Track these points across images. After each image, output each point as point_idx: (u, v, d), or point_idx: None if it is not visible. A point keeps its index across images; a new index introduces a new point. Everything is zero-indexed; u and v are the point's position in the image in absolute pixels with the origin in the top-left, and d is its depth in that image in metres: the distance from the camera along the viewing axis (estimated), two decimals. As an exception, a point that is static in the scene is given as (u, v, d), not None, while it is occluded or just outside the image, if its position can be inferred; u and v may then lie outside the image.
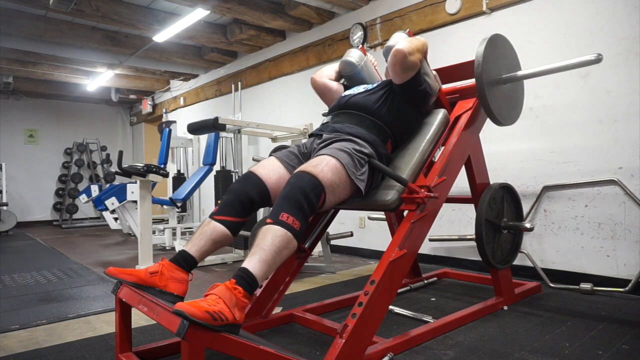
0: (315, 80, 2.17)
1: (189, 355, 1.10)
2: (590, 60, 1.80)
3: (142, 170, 3.22)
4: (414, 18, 3.47)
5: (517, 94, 2.22)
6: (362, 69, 2.10)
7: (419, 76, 1.84)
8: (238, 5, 3.89)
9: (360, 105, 1.86)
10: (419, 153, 1.85)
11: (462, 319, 1.96)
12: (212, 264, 3.59)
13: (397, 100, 1.86)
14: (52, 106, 7.99)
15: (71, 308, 2.35)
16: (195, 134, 4.13)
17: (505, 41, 2.11)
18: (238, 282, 1.26)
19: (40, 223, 7.74)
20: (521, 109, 2.26)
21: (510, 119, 2.15)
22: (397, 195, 1.71)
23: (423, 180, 1.77)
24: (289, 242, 1.38)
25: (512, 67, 2.12)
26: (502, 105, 2.04)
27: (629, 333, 1.80)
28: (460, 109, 2.01)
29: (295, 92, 4.72)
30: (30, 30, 4.42)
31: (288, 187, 1.47)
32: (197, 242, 1.54)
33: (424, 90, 1.88)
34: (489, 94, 1.93)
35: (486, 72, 1.91)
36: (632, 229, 2.40)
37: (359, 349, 1.47)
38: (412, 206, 1.69)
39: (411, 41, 1.81)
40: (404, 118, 1.88)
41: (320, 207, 1.53)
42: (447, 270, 2.97)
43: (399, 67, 1.77)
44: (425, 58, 1.94)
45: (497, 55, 2.01)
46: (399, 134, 1.88)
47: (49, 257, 4.19)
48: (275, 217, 1.39)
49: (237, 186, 1.64)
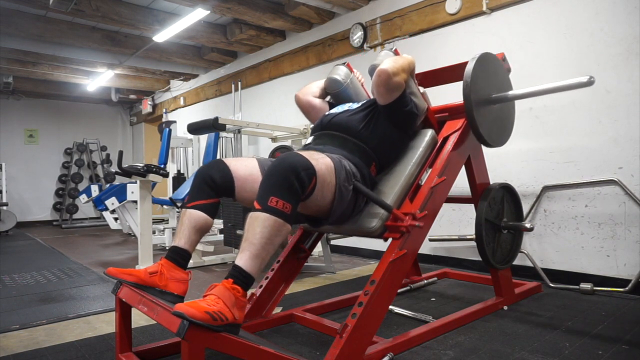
0: (299, 98, 2.09)
1: (189, 355, 1.10)
2: (582, 82, 1.73)
3: (142, 170, 3.22)
4: (414, 18, 3.47)
5: (507, 114, 2.13)
6: (348, 86, 2.02)
7: (405, 97, 1.77)
8: (238, 5, 3.89)
9: (343, 126, 1.77)
10: (404, 177, 1.77)
11: (462, 319, 1.95)
12: (212, 264, 3.58)
13: (381, 121, 1.78)
14: (52, 106, 7.99)
15: (71, 308, 2.35)
16: (195, 134, 4.13)
17: (496, 60, 2.03)
18: (235, 281, 1.26)
19: (40, 223, 7.74)
20: (511, 129, 2.18)
21: (500, 141, 2.08)
22: (381, 223, 1.65)
23: (408, 207, 1.69)
24: (280, 229, 1.31)
25: (503, 87, 2.03)
26: (491, 126, 1.96)
27: (629, 333, 1.80)
28: (448, 130, 1.93)
29: (295, 92, 4.71)
30: (30, 30, 4.42)
31: (277, 161, 1.38)
32: (182, 234, 1.53)
33: (409, 111, 1.79)
34: (478, 115, 1.85)
35: (475, 92, 1.83)
36: (632, 229, 2.40)
37: (359, 349, 1.47)
38: (396, 234, 1.62)
39: (396, 60, 1.74)
40: (389, 140, 1.80)
41: (310, 193, 1.43)
42: (447, 270, 2.97)
43: (383, 88, 1.70)
44: (412, 76, 1.87)
45: (487, 74, 1.93)
46: (384, 157, 1.80)
47: (49, 257, 4.18)
48: (263, 202, 1.32)
49: (201, 170, 1.61)
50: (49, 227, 7.33)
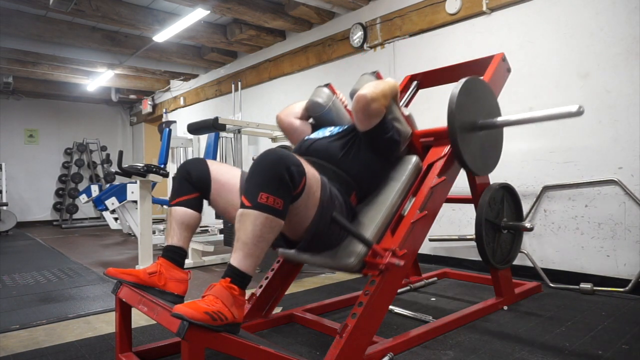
0: (281, 120, 2.00)
1: (189, 355, 1.10)
2: (572, 112, 1.66)
3: (142, 170, 3.22)
4: (414, 18, 3.47)
5: (494, 140, 2.02)
6: (330, 109, 1.93)
7: (385, 123, 1.68)
8: (238, 5, 3.89)
9: (322, 153, 1.69)
10: (386, 208, 1.68)
11: (462, 319, 1.95)
12: (212, 264, 3.58)
13: (362, 148, 1.69)
14: (52, 106, 7.98)
15: (71, 308, 2.35)
16: (195, 134, 4.13)
17: (483, 84, 1.94)
18: (232, 280, 1.25)
19: (40, 223, 7.73)
20: (499, 156, 2.07)
21: (486, 169, 1.98)
22: (359, 259, 1.56)
23: (389, 241, 1.61)
24: (272, 225, 1.26)
25: (490, 112, 1.93)
26: (476, 153, 1.86)
27: (629, 333, 1.80)
28: (433, 156, 1.84)
29: (295, 92, 4.72)
30: (30, 30, 4.42)
31: (264, 154, 1.31)
32: (173, 232, 1.53)
33: (390, 138, 1.70)
34: (462, 142, 1.75)
35: (460, 119, 1.73)
36: (632, 229, 2.39)
37: (359, 348, 1.47)
38: (375, 272, 1.53)
39: (377, 85, 1.66)
40: (371, 168, 1.71)
41: (300, 193, 1.34)
42: (447, 270, 2.97)
43: (362, 114, 1.63)
44: (395, 101, 1.80)
45: (473, 99, 1.84)
46: (365, 186, 1.72)
47: (49, 257, 4.18)
48: (252, 199, 1.25)
49: (181, 166, 1.61)
50: (49, 227, 7.32)
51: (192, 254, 3.47)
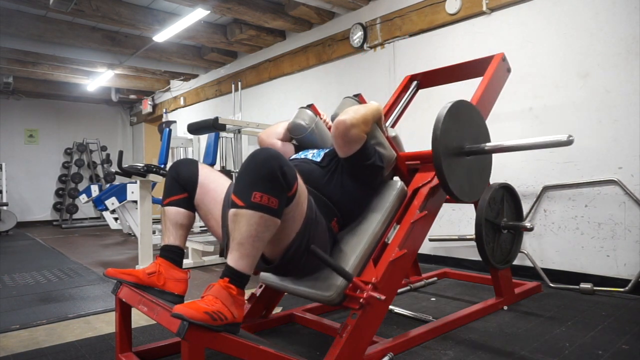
0: (263, 140, 1.93)
1: (189, 355, 1.10)
2: (562, 141, 1.59)
3: (142, 170, 3.22)
4: (414, 18, 3.47)
5: (482, 165, 1.89)
6: (313, 131, 1.87)
7: (366, 149, 1.62)
8: (238, 5, 3.89)
9: (305, 176, 1.58)
10: (368, 236, 1.62)
11: (462, 319, 1.96)
12: (212, 264, 3.58)
13: (344, 174, 1.64)
14: (52, 106, 7.99)
15: (71, 308, 2.35)
16: (195, 134, 4.13)
17: (471, 108, 1.83)
18: (230, 280, 1.25)
19: (40, 223, 7.73)
20: (487, 181, 1.96)
21: (472, 195, 1.83)
22: (340, 291, 1.50)
23: (371, 272, 1.55)
24: (267, 224, 1.23)
25: (478, 137, 1.82)
26: (463, 180, 1.74)
27: (629, 333, 1.80)
28: (419, 181, 1.78)
29: (295, 92, 4.72)
30: (30, 30, 4.42)
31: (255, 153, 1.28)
32: (168, 232, 1.53)
33: (372, 164, 1.64)
34: (447, 169, 1.64)
35: (445, 144, 1.64)
36: (632, 229, 2.39)
37: (359, 348, 1.47)
38: (355, 305, 1.47)
39: (357, 110, 1.59)
40: (353, 195, 1.65)
41: (292, 198, 1.30)
42: (447, 270, 2.97)
43: (341, 140, 1.56)
44: (379, 124, 1.74)
45: (460, 123, 1.74)
46: (347, 212, 1.66)
47: (49, 257, 4.18)
48: (246, 199, 1.21)
49: (171, 165, 1.61)
50: (49, 227, 7.32)
51: (192, 254, 3.47)
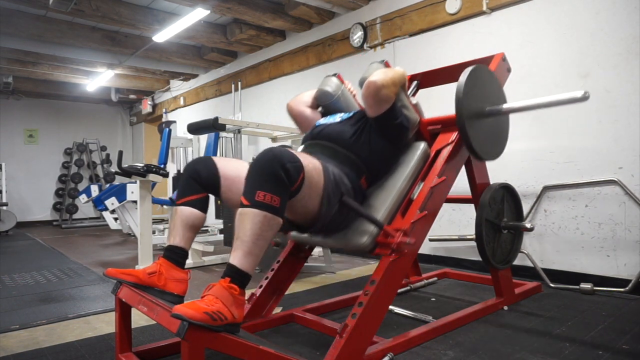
0: (292, 108, 2.08)
1: (188, 355, 1.10)
2: (577, 97, 1.69)
3: (142, 170, 3.22)
4: (414, 18, 3.47)
5: (501, 127, 2.07)
6: (339, 98, 2.00)
7: (394, 109, 1.74)
8: (238, 5, 3.89)
9: (334, 137, 1.75)
10: (396, 191, 1.73)
11: (462, 319, 1.96)
12: (212, 264, 3.58)
13: (372, 133, 1.75)
14: (52, 106, 7.98)
15: (71, 308, 2.35)
16: (195, 134, 4.13)
17: (489, 73, 1.98)
18: (232, 280, 1.25)
19: (40, 223, 7.73)
20: (506, 142, 2.11)
21: (494, 154, 2.01)
22: (372, 239, 1.62)
23: (400, 222, 1.66)
24: (270, 223, 1.28)
25: (497, 100, 1.98)
26: (484, 140, 1.90)
27: (629, 333, 1.80)
28: (441, 142, 1.89)
29: (295, 92, 4.65)
30: (30, 30, 4.42)
31: (261, 154, 1.35)
32: (176, 232, 1.52)
33: (400, 124, 1.76)
34: (470, 129, 1.79)
35: (467, 106, 1.79)
36: (632, 229, 2.39)
37: (359, 349, 1.47)
38: (387, 251, 1.59)
39: (386, 73, 1.71)
40: (380, 153, 1.76)
41: (298, 190, 1.38)
42: (447, 270, 2.97)
43: (372, 100, 1.68)
44: (404, 89, 1.84)
45: (480, 87, 1.89)
46: (375, 170, 1.77)
47: (49, 257, 4.18)
48: (250, 197, 1.28)
49: (188, 165, 1.61)
50: (49, 227, 7.32)
51: (192, 254, 3.47)
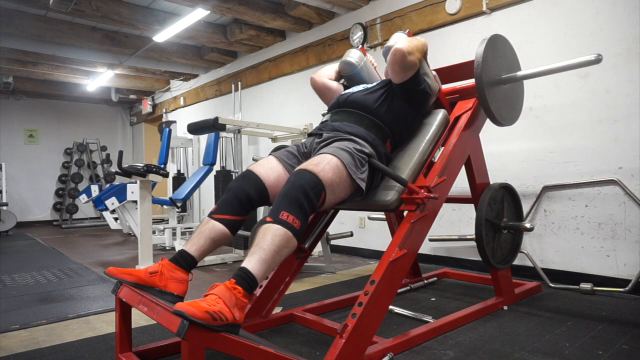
0: (315, 80, 2.17)
1: (189, 355, 1.10)
2: (591, 60, 1.80)
3: (142, 170, 3.22)
4: (414, 18, 3.47)
5: (517, 94, 2.23)
6: (362, 69, 2.10)
7: (418, 76, 1.85)
8: (238, 5, 3.89)
9: (359, 104, 1.86)
10: (418, 153, 1.84)
11: (462, 319, 1.96)
12: (212, 264, 3.58)
13: (396, 99, 1.86)
14: (52, 106, 7.98)
15: (71, 308, 2.35)
16: (195, 134, 4.13)
17: (505, 41, 2.12)
18: (238, 282, 1.26)
19: (40, 223, 7.73)
20: (521, 109, 2.27)
21: (510, 119, 2.16)
22: (397, 196, 1.71)
23: (423, 181, 1.77)
24: (288, 241, 1.37)
25: (512, 68, 2.12)
26: (501, 105, 2.04)
27: (629, 333, 1.80)
28: (460, 110, 2.02)
29: (295, 92, 4.72)
30: (30, 30, 4.41)
31: (288, 185, 1.47)
32: (197, 241, 1.53)
33: (423, 90, 1.87)
34: (489, 95, 1.93)
35: (486, 73, 1.92)
36: (632, 229, 2.39)
37: (359, 349, 1.47)
38: (412, 207, 1.70)
39: (410, 41, 1.82)
40: (404, 118, 1.87)
41: (320, 206, 1.53)
42: (447, 270, 2.97)
43: (398, 66, 1.78)
44: (425, 58, 1.95)
45: (497, 55, 2.02)
46: (399, 134, 1.88)
47: (49, 257, 4.18)
48: (275, 216, 1.39)
49: (235, 184, 1.63)
50: (49, 227, 7.32)
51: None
